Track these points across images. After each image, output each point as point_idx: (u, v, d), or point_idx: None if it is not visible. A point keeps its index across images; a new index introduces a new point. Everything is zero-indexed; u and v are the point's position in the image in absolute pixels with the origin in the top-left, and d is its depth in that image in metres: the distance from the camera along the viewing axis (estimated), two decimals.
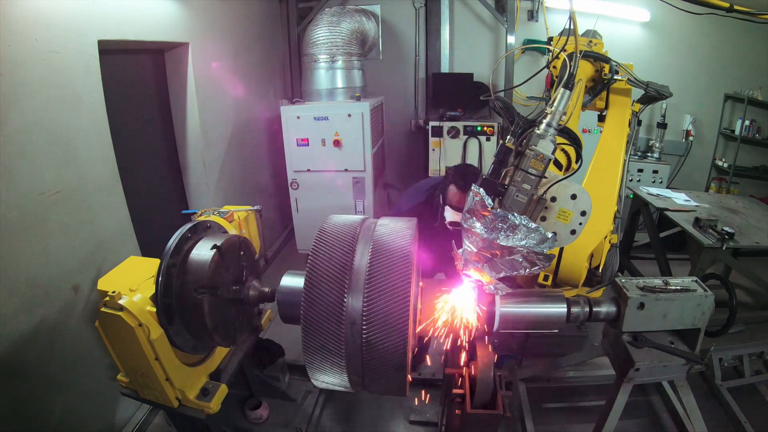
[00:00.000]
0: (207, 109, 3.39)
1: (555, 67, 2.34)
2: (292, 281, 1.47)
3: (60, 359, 2.09)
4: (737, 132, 4.79)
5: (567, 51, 1.41)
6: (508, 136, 1.50)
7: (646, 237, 4.22)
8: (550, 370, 2.61)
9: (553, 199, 1.43)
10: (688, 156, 5.02)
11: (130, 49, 2.79)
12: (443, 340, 1.50)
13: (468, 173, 2.16)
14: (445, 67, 4.95)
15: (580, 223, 1.46)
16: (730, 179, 4.95)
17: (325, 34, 4.05)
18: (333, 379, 1.27)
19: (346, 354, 1.19)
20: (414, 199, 2.52)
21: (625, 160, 2.44)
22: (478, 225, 1.23)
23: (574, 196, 1.43)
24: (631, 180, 4.61)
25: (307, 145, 3.96)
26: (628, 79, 2.53)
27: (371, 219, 1.43)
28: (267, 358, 2.58)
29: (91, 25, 2.22)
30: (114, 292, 1.57)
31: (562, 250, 1.95)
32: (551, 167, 1.41)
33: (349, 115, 3.86)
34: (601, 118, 2.79)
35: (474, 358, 1.61)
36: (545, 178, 1.37)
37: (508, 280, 1.37)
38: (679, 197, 3.71)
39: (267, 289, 1.69)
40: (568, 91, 1.37)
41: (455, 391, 1.61)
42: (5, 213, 1.81)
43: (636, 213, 3.96)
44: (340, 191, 4.09)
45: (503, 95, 4.05)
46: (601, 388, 2.58)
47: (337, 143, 3.90)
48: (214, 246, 1.58)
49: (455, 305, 1.43)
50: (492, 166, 1.42)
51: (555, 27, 4.63)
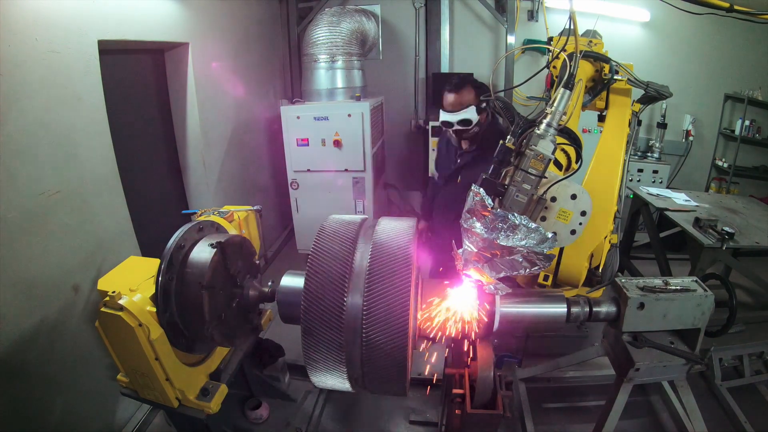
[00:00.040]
0: (207, 109, 3.39)
1: (555, 67, 2.34)
2: (292, 281, 1.47)
3: (60, 359, 2.09)
4: (737, 132, 4.79)
5: (567, 51, 1.41)
6: (508, 136, 1.50)
7: (646, 237, 4.22)
8: (550, 370, 2.60)
9: (553, 199, 1.44)
10: (688, 156, 5.02)
11: (130, 49, 2.79)
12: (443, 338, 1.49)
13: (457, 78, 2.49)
14: (445, 67, 4.95)
15: (580, 223, 1.46)
16: (730, 179, 4.94)
17: (325, 34, 4.05)
18: (333, 379, 1.27)
19: (346, 354, 1.19)
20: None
21: (625, 160, 2.44)
22: (478, 225, 1.23)
23: (574, 196, 1.43)
24: (631, 180, 4.61)
25: (307, 145, 3.95)
26: (628, 79, 2.53)
27: (371, 219, 1.43)
28: (267, 358, 2.58)
29: (91, 25, 2.22)
30: (114, 292, 1.57)
31: (562, 250, 1.95)
32: (551, 167, 1.41)
33: (349, 115, 3.86)
34: (601, 118, 2.79)
35: (474, 358, 1.60)
36: (545, 178, 1.37)
37: (508, 280, 1.37)
38: (679, 197, 3.71)
39: (267, 289, 1.69)
40: (568, 91, 1.37)
41: (455, 391, 1.60)
42: (5, 213, 1.81)
43: (636, 213, 3.96)
44: (340, 191, 4.09)
45: (503, 95, 4.05)
46: (601, 388, 2.58)
47: (337, 143, 3.90)
48: (217, 243, 1.58)
49: (455, 306, 1.43)
50: (492, 166, 1.42)
51: (555, 27, 4.64)
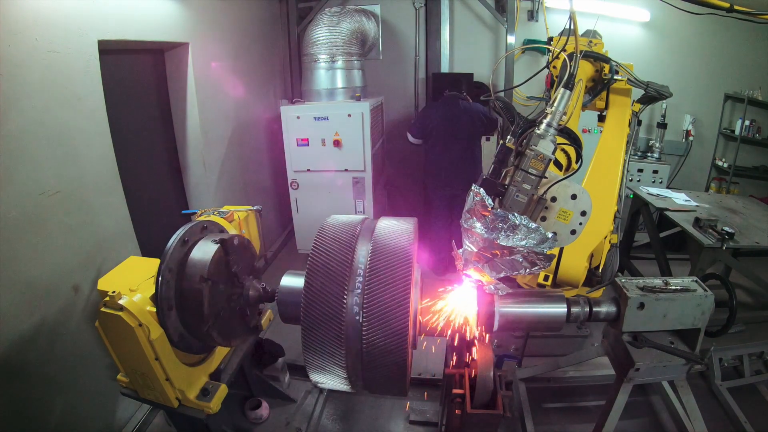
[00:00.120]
0: (207, 109, 3.39)
1: (555, 67, 2.34)
2: (292, 281, 1.47)
3: (60, 359, 2.08)
4: (737, 132, 4.78)
5: (567, 51, 1.42)
6: (508, 136, 1.51)
7: (646, 237, 4.22)
8: (550, 370, 2.61)
9: (554, 199, 1.44)
10: (688, 156, 5.02)
11: (130, 49, 2.78)
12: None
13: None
14: (445, 67, 4.95)
15: (581, 223, 1.46)
16: (730, 179, 4.94)
17: (325, 34, 4.05)
18: (333, 379, 1.27)
19: (346, 354, 1.19)
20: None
21: (625, 160, 2.44)
22: (478, 225, 1.23)
23: (574, 196, 1.44)
24: (631, 180, 4.61)
25: (307, 145, 3.95)
26: (628, 79, 2.54)
27: (371, 219, 1.43)
28: (267, 358, 2.58)
29: (91, 25, 2.22)
30: (114, 292, 1.57)
31: (562, 250, 1.95)
32: (551, 167, 1.41)
33: (349, 115, 3.86)
34: (601, 118, 2.79)
35: (474, 358, 1.61)
36: (545, 178, 1.37)
37: (508, 280, 1.37)
38: (679, 197, 3.71)
39: (267, 289, 1.69)
40: (568, 91, 1.37)
41: (455, 391, 1.61)
42: (5, 213, 1.80)
43: (636, 213, 3.96)
44: (340, 191, 4.09)
45: (503, 95, 4.04)
46: (601, 388, 2.58)
47: (337, 143, 3.90)
48: (220, 239, 1.59)
49: (455, 307, 1.43)
50: (492, 166, 1.42)
51: (555, 27, 4.63)
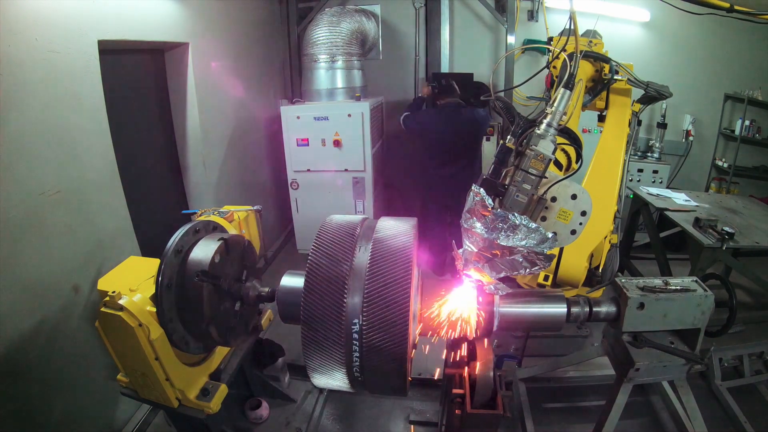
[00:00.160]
0: (207, 109, 3.39)
1: (555, 67, 2.35)
2: (292, 281, 1.47)
3: (60, 359, 2.08)
4: (737, 132, 4.78)
5: (567, 51, 1.42)
6: (508, 136, 1.51)
7: (646, 237, 4.22)
8: (550, 370, 2.60)
9: (554, 199, 1.44)
10: (688, 156, 5.02)
11: (130, 49, 2.78)
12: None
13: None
14: (445, 67, 4.95)
15: (581, 223, 1.46)
16: (730, 179, 4.94)
17: (325, 34, 4.05)
18: (333, 379, 1.27)
19: (345, 354, 1.19)
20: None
21: (625, 160, 2.45)
22: (478, 225, 1.23)
23: (574, 196, 1.44)
24: (631, 180, 4.61)
25: (307, 145, 3.95)
26: (628, 79, 2.54)
27: (371, 219, 1.43)
28: (267, 358, 2.58)
29: (91, 25, 2.22)
30: (114, 292, 1.57)
31: (562, 250, 1.95)
32: (551, 167, 1.41)
33: (349, 115, 3.86)
34: (601, 118, 2.79)
35: (474, 358, 1.60)
36: (545, 178, 1.37)
37: (508, 280, 1.37)
38: (679, 197, 3.71)
39: (267, 289, 1.69)
40: (568, 91, 1.37)
41: (455, 391, 1.60)
42: (5, 213, 1.80)
43: (636, 213, 3.96)
44: (340, 191, 4.09)
45: (503, 95, 4.04)
46: (601, 388, 2.58)
47: (337, 143, 3.90)
48: (222, 238, 1.59)
49: (456, 307, 1.43)
50: (492, 166, 1.42)
51: (555, 27, 4.63)
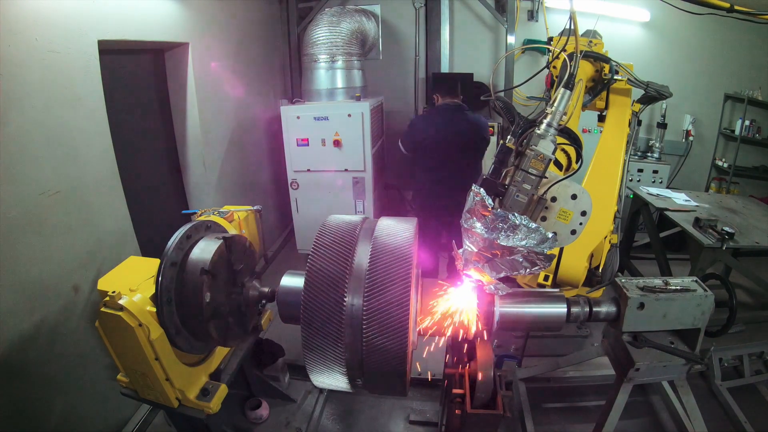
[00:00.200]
0: (207, 109, 3.39)
1: (555, 67, 2.35)
2: (292, 281, 1.47)
3: (60, 359, 2.09)
4: (737, 132, 4.78)
5: (567, 51, 1.42)
6: (508, 136, 1.51)
7: (646, 237, 4.22)
8: (550, 370, 2.61)
9: (554, 199, 1.44)
10: (688, 156, 5.02)
11: (130, 49, 2.78)
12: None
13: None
14: (445, 67, 4.95)
15: (581, 223, 1.46)
16: (730, 179, 4.94)
17: (325, 34, 4.05)
18: (333, 379, 1.27)
19: (346, 354, 1.19)
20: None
21: (625, 160, 2.44)
22: (478, 225, 1.23)
23: (574, 196, 1.44)
24: (631, 180, 4.61)
25: (307, 145, 3.95)
26: (628, 79, 2.53)
27: (371, 219, 1.43)
28: (267, 358, 2.58)
29: (91, 25, 2.22)
30: (114, 292, 1.57)
31: (562, 250, 1.95)
32: (551, 167, 1.41)
33: (349, 115, 3.86)
34: (601, 118, 2.79)
35: (474, 358, 1.60)
36: (545, 178, 1.37)
37: (508, 280, 1.37)
38: (679, 197, 3.71)
39: (267, 289, 1.69)
40: (568, 91, 1.37)
41: (455, 391, 1.60)
42: (5, 213, 1.80)
43: (636, 213, 3.96)
44: (340, 191, 4.09)
45: (503, 95, 4.04)
46: (601, 388, 2.58)
47: (337, 143, 3.89)
48: (223, 237, 1.59)
49: (455, 306, 1.43)
50: (492, 166, 1.42)
51: (555, 27, 4.63)
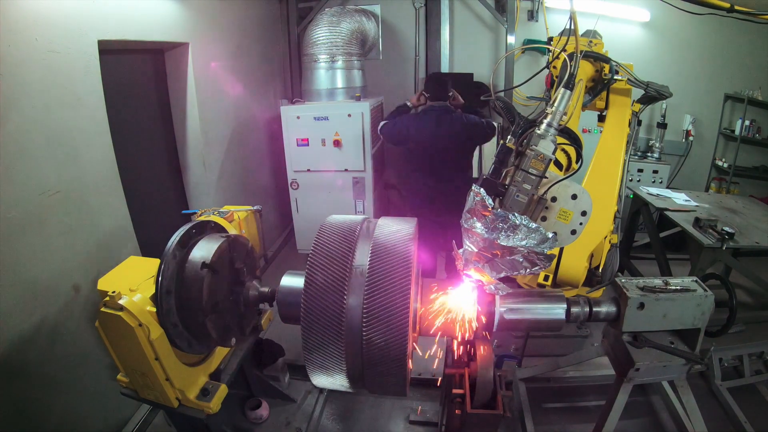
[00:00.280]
0: (207, 109, 3.39)
1: (555, 67, 2.35)
2: (292, 281, 1.47)
3: (60, 359, 2.09)
4: (737, 132, 4.78)
5: (567, 51, 1.42)
6: (508, 136, 1.51)
7: (646, 237, 4.22)
8: (550, 370, 2.60)
9: (554, 199, 1.44)
10: (688, 156, 5.02)
11: (130, 49, 2.78)
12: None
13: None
14: (445, 67, 4.94)
15: (581, 223, 1.46)
16: (730, 179, 4.94)
17: (325, 34, 4.05)
18: (333, 379, 1.27)
19: (346, 354, 1.19)
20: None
21: (625, 160, 2.44)
22: (478, 225, 1.23)
23: (574, 196, 1.44)
24: (631, 180, 4.61)
25: (307, 145, 3.95)
26: (628, 79, 2.53)
27: (371, 219, 1.43)
28: (267, 358, 2.58)
29: (91, 25, 2.22)
30: (114, 292, 1.57)
31: (562, 250, 1.95)
32: (552, 167, 1.41)
33: (349, 115, 3.86)
34: (601, 118, 2.79)
35: (474, 358, 1.60)
36: (546, 178, 1.37)
37: (508, 280, 1.37)
38: (679, 197, 3.71)
39: (267, 289, 1.69)
40: (568, 91, 1.37)
41: (455, 391, 1.60)
42: (5, 213, 1.80)
43: (636, 213, 3.96)
44: (340, 191, 4.09)
45: (503, 95, 4.04)
46: (601, 388, 2.58)
47: (337, 143, 3.89)
48: (226, 235, 1.59)
49: (455, 306, 1.43)
50: (492, 166, 1.42)
51: (555, 27, 4.63)
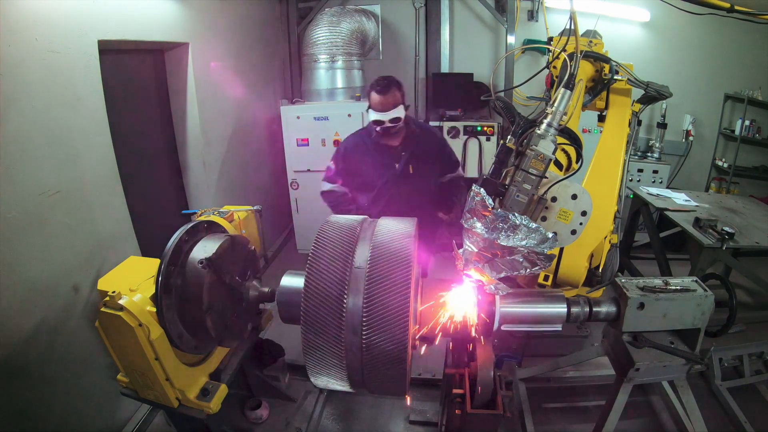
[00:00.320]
0: (207, 109, 3.39)
1: (555, 67, 2.34)
2: (292, 281, 1.46)
3: (60, 359, 2.08)
4: (737, 132, 4.78)
5: (567, 51, 1.41)
6: (508, 136, 1.51)
7: (646, 237, 4.22)
8: (550, 370, 2.60)
9: (554, 199, 1.44)
10: (688, 156, 5.02)
11: (130, 49, 2.78)
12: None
13: (381, 79, 2.41)
14: (445, 67, 4.95)
15: (581, 223, 1.46)
16: (730, 179, 4.94)
17: (325, 34, 4.05)
18: (333, 379, 1.27)
19: (346, 354, 1.19)
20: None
21: (625, 160, 2.44)
22: (478, 225, 1.23)
23: (574, 196, 1.44)
24: (631, 180, 4.61)
25: (307, 145, 3.96)
26: (628, 79, 2.53)
27: (371, 219, 1.43)
28: (267, 358, 2.58)
29: (91, 25, 2.22)
30: (114, 292, 1.57)
31: (562, 250, 1.95)
32: (552, 167, 1.41)
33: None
34: (601, 118, 2.79)
35: (474, 358, 1.60)
36: (546, 178, 1.37)
37: (508, 280, 1.37)
38: (679, 197, 3.71)
39: (267, 289, 1.69)
40: (568, 91, 1.37)
41: (455, 391, 1.60)
42: (5, 213, 1.80)
43: (636, 213, 3.96)
44: None
45: (503, 95, 4.04)
46: (601, 388, 2.58)
47: (337, 143, 3.90)
48: (229, 235, 1.58)
49: (455, 306, 1.43)
50: (493, 166, 1.42)
51: (555, 27, 4.63)
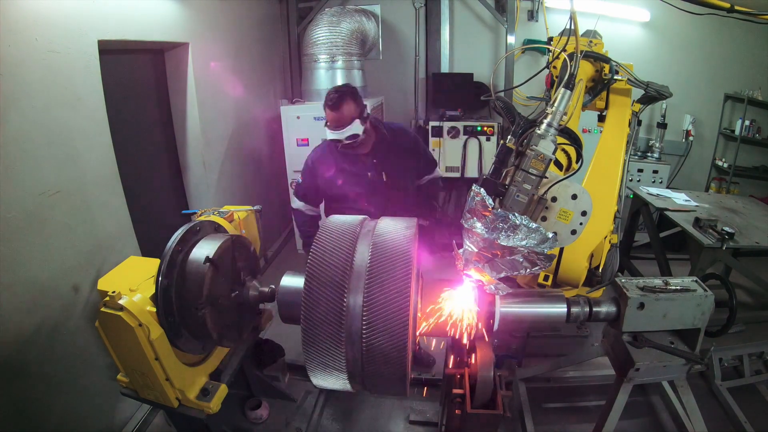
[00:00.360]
0: (207, 109, 3.39)
1: (555, 67, 2.34)
2: (292, 281, 1.47)
3: (60, 359, 2.08)
4: (737, 132, 4.78)
5: (567, 51, 1.41)
6: (508, 136, 1.51)
7: (646, 237, 4.22)
8: (550, 370, 2.61)
9: (554, 199, 1.44)
10: (688, 156, 5.02)
11: (130, 49, 2.78)
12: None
13: (333, 92, 2.25)
14: (445, 67, 4.95)
15: (581, 223, 1.46)
16: (730, 179, 4.94)
17: (325, 34, 4.05)
18: (333, 379, 1.27)
19: (346, 354, 1.19)
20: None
21: (625, 160, 2.44)
22: (478, 225, 1.23)
23: (574, 196, 1.43)
24: (631, 180, 4.61)
25: (307, 145, 3.95)
26: (628, 79, 2.53)
27: (371, 219, 1.43)
28: (267, 358, 2.58)
29: (91, 25, 2.22)
30: (114, 292, 1.56)
31: (562, 250, 1.95)
32: (552, 167, 1.41)
33: None
34: (601, 118, 2.79)
35: (474, 358, 1.60)
36: (546, 178, 1.37)
37: (508, 280, 1.37)
38: (679, 197, 3.70)
39: (267, 290, 1.69)
40: (568, 92, 1.37)
41: (455, 391, 1.60)
42: (5, 213, 1.80)
43: (636, 213, 3.96)
44: None
45: (503, 95, 4.04)
46: (601, 388, 2.58)
47: None
48: (231, 234, 1.59)
49: (455, 306, 1.43)
50: (493, 166, 1.42)
51: (555, 27, 4.63)
